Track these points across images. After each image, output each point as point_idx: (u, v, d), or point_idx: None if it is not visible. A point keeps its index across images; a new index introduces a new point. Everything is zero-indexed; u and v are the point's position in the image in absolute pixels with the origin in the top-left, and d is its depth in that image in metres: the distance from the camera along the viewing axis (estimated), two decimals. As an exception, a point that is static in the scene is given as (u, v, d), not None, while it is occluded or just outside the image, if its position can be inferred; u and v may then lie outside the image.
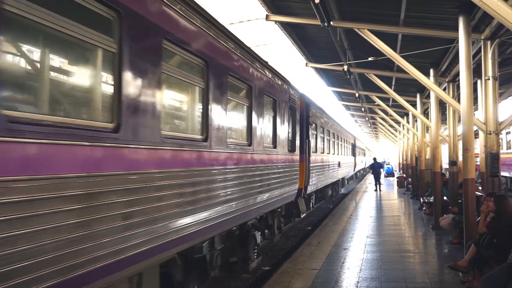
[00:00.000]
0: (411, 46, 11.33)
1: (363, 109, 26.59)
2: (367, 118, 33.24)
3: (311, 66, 16.15)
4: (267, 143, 8.45)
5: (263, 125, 7.99)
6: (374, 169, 27.30)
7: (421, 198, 16.11)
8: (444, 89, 13.47)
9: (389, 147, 65.27)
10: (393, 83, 16.98)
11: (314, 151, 14.04)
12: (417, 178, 19.73)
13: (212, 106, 5.59)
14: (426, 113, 19.29)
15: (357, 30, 9.99)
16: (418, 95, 17.51)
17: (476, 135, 12.71)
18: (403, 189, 25.92)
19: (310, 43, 13.85)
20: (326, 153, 17.06)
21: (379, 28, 10.02)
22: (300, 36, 13.09)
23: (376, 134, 53.98)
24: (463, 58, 8.22)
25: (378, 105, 21.35)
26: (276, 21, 11.18)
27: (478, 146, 9.42)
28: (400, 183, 27.93)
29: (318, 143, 14.97)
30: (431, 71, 12.89)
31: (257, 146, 7.58)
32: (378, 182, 26.03)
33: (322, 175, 15.88)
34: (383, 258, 8.50)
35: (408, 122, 23.63)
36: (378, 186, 25.82)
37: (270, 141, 8.74)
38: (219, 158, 5.86)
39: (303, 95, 12.47)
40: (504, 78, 13.03)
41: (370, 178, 32.09)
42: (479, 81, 9.60)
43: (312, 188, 13.71)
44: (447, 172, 14.18)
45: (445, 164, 18.90)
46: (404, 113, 23.87)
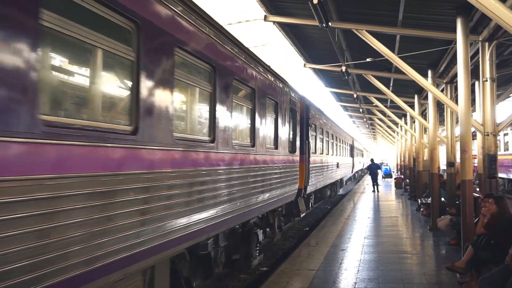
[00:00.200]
0: (409, 47, 11.34)
1: (361, 110, 26.62)
2: (365, 119, 33.24)
3: (309, 67, 16.15)
4: (269, 144, 8.64)
5: (265, 127, 8.22)
6: (372, 170, 27.33)
7: (419, 199, 16.12)
8: (442, 91, 13.47)
9: (387, 148, 65.36)
10: (391, 84, 16.98)
11: (314, 152, 14.19)
12: (414, 179, 19.74)
13: (218, 109, 5.89)
14: (424, 114, 19.30)
15: (355, 31, 10.00)
16: (416, 96, 17.52)
17: (474, 136, 12.75)
18: (401, 190, 25.96)
19: (308, 44, 13.85)
20: (325, 154, 17.24)
21: (377, 29, 10.03)
22: (299, 37, 13.09)
23: (374, 135, 54.01)
24: (461, 59, 8.23)
25: (376, 106, 21.35)
26: (274, 22, 11.19)
27: (476, 148, 9.42)
28: (398, 184, 27.98)
29: (317, 144, 15.16)
30: (429, 72, 12.89)
31: (260, 147, 7.81)
32: (375, 183, 26.05)
33: (321, 176, 16.03)
34: (381, 259, 8.51)
35: (406, 123, 23.64)
36: (376, 187, 25.84)
37: (272, 142, 8.94)
38: (225, 159, 6.16)
39: (303, 97, 12.70)
40: (501, 79, 13.07)
41: (368, 179, 32.11)
42: (477, 83, 9.61)
43: (311, 188, 13.89)
44: (445, 174, 14.21)
45: (443, 165, 18.93)
46: (402, 114, 23.89)
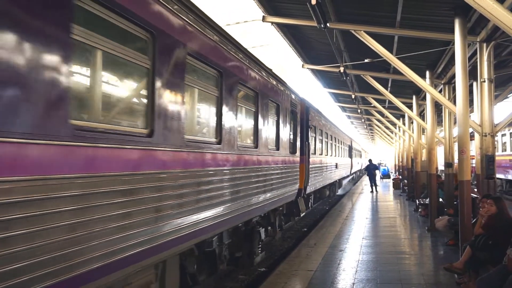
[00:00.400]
0: (407, 48, 11.36)
1: (359, 110, 26.64)
2: (363, 120, 33.27)
3: (307, 68, 16.17)
4: (271, 145, 8.89)
5: (267, 129, 8.47)
6: (369, 171, 27.36)
7: (417, 200, 16.13)
8: (440, 91, 13.50)
9: (385, 149, 65.42)
10: (389, 85, 17.01)
11: (313, 153, 14.35)
12: (412, 180, 19.76)
13: (225, 111, 6.16)
14: (422, 115, 19.33)
15: (353, 32, 10.01)
16: (414, 97, 17.56)
17: (472, 137, 12.75)
18: (399, 190, 25.97)
19: (306, 45, 13.87)
20: (324, 154, 17.37)
21: (376, 30, 10.04)
22: (297, 38, 13.10)
23: (372, 135, 54.06)
24: (459, 60, 8.24)
25: (374, 106, 21.38)
26: (272, 23, 11.21)
27: (474, 148, 9.42)
28: (396, 185, 28.00)
29: (317, 145, 15.30)
30: (427, 73, 12.91)
31: (262, 148, 8.07)
32: (374, 184, 26.07)
33: (321, 176, 16.18)
34: (379, 260, 8.51)
35: (404, 124, 23.68)
36: (374, 187, 25.86)
37: (274, 143, 9.18)
38: (230, 159, 6.43)
39: (303, 100, 12.91)
40: (499, 80, 13.09)
41: (366, 180, 32.15)
42: (474, 83, 9.61)
43: (311, 188, 14.08)
44: (443, 174, 14.22)
45: (441, 166, 18.94)
46: (400, 115, 23.92)
